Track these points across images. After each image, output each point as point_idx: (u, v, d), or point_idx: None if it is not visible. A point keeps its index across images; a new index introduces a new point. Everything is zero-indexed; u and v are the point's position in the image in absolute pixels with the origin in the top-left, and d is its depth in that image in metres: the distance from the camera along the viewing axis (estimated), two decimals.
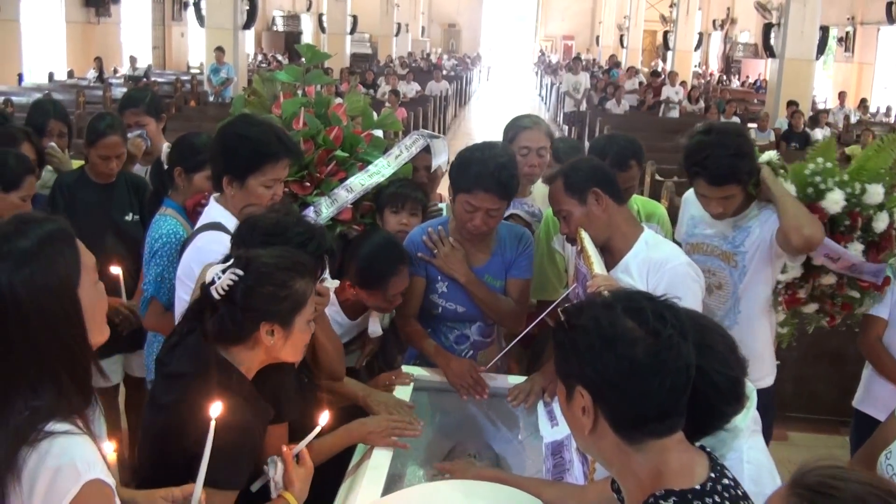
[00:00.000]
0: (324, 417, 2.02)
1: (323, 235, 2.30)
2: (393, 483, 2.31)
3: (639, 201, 3.43)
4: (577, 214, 2.64)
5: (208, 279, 1.94)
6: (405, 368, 2.95)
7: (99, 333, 1.61)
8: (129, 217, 3.68)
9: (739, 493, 1.49)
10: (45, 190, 3.71)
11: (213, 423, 1.76)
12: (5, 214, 2.46)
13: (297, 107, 3.30)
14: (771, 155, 3.09)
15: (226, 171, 2.67)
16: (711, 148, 2.82)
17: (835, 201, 2.97)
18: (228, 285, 1.90)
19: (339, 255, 2.88)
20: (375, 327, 3.02)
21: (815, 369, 4.89)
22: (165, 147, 3.52)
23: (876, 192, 3.00)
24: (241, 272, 1.92)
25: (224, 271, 1.93)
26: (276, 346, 1.95)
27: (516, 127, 3.53)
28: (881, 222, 3.02)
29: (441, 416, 2.84)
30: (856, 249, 3.00)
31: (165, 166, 3.32)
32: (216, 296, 1.91)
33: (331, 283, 2.32)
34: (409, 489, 2.21)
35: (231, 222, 2.59)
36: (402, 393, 2.75)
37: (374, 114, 3.69)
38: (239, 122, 2.79)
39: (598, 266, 2.41)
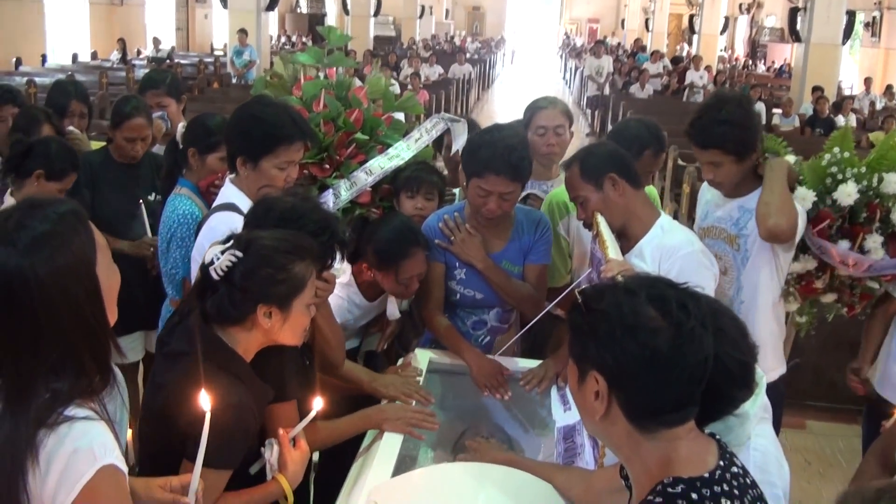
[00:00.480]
0: (317, 402, 2.02)
1: (336, 225, 2.29)
2: (403, 465, 2.33)
3: None
4: (593, 200, 2.63)
5: (207, 259, 1.94)
6: (418, 352, 2.96)
7: (112, 314, 1.63)
8: (152, 197, 3.70)
9: (748, 481, 1.48)
10: None
11: (207, 415, 1.76)
12: None
13: (317, 89, 3.31)
14: (792, 159, 3.06)
15: (240, 152, 2.69)
16: (705, 111, 2.87)
17: (847, 193, 2.94)
18: (227, 266, 1.90)
19: (356, 236, 2.91)
20: (394, 310, 3.03)
21: (835, 358, 4.78)
22: (181, 127, 3.55)
23: (893, 182, 2.96)
24: (240, 253, 1.92)
25: (224, 252, 1.93)
26: (273, 328, 1.95)
27: (532, 108, 3.58)
28: None
29: (453, 398, 2.85)
30: (875, 241, 2.97)
31: (180, 146, 3.35)
32: (215, 276, 1.91)
33: (338, 270, 2.32)
34: (418, 470, 2.23)
35: (245, 203, 2.60)
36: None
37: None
38: (254, 104, 2.80)
39: (612, 251, 2.40)
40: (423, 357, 2.92)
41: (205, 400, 1.76)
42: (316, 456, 2.91)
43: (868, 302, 3.21)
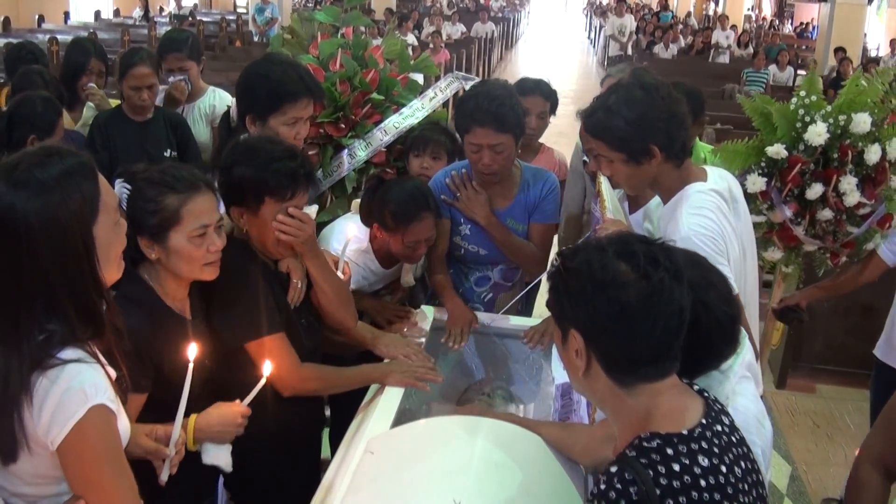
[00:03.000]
0: (267, 367, 2.06)
1: (298, 155, 2.32)
2: (403, 418, 2.36)
3: None
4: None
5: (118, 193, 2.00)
6: (423, 308, 3.01)
7: (115, 271, 1.67)
8: (167, 153, 3.73)
9: (734, 439, 1.49)
10: (87, 129, 3.79)
11: (190, 366, 1.86)
12: None
13: (334, 48, 3.33)
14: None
15: (248, 110, 2.71)
16: (604, 92, 2.39)
17: (817, 133, 2.96)
18: (121, 199, 1.96)
19: (370, 197, 2.95)
20: (408, 277, 3.08)
21: (845, 321, 4.89)
22: (232, 102, 3.32)
23: (862, 121, 2.97)
24: (129, 186, 2.00)
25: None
26: (160, 260, 2.02)
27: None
28: (873, 154, 3.01)
29: (456, 355, 2.88)
30: (849, 183, 3.00)
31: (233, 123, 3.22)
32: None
33: (311, 210, 2.35)
34: (415, 423, 2.26)
35: None
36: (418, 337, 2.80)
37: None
38: (261, 62, 2.81)
39: (610, 210, 2.41)
40: (427, 312, 2.97)
41: (191, 350, 1.85)
42: (328, 411, 2.98)
43: (853, 250, 3.24)
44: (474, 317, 2.91)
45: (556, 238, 3.31)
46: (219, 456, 2.06)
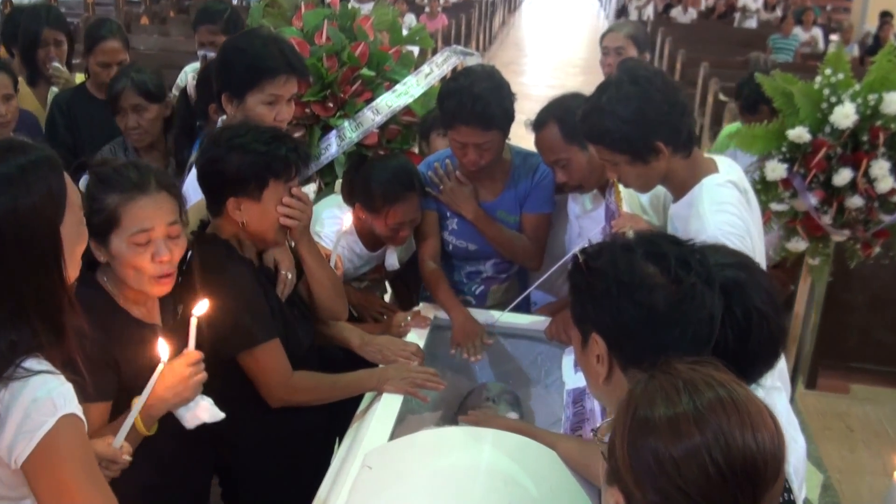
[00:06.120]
0: (163, 350, 1.98)
1: (285, 137, 2.36)
2: (402, 427, 2.38)
3: None
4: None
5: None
6: (423, 306, 3.03)
7: (75, 272, 1.66)
8: None
9: None
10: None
11: (160, 366, 1.88)
12: None
13: (319, 19, 3.29)
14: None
15: (224, 87, 2.70)
16: (594, 93, 2.39)
17: (845, 115, 2.95)
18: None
19: (352, 177, 2.98)
20: (392, 260, 3.10)
21: (883, 316, 4.86)
22: (190, 79, 3.46)
23: (893, 101, 2.97)
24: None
25: None
26: (112, 265, 2.01)
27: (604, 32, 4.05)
28: None
29: (458, 357, 2.89)
30: (881, 168, 3.00)
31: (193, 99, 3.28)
32: None
33: (309, 189, 2.40)
34: (417, 434, 2.27)
35: None
36: (417, 337, 2.82)
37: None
38: (241, 36, 2.82)
39: (626, 203, 2.43)
40: (426, 314, 2.98)
41: (162, 349, 1.87)
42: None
43: (886, 240, 3.23)
44: (482, 329, 2.91)
45: None
46: (199, 414, 2.03)
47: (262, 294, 2.32)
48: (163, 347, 1.91)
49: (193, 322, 1.96)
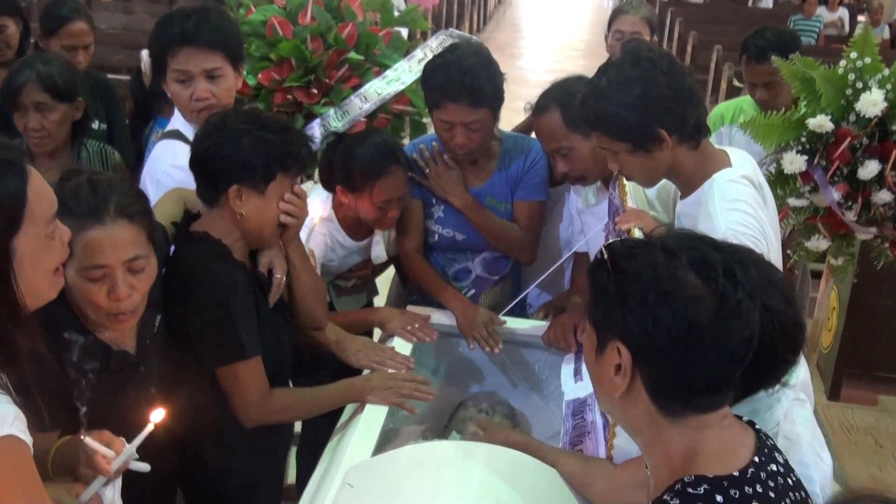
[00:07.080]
0: (157, 415, 1.91)
1: (299, 135, 2.40)
2: (386, 441, 2.36)
3: None
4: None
5: None
6: (410, 308, 2.98)
7: (47, 287, 1.59)
8: (94, 125, 3.52)
9: (790, 481, 1.44)
10: None
11: (149, 426, 1.79)
12: None
13: None
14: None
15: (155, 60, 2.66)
16: (593, 78, 2.35)
17: (872, 102, 2.91)
18: None
19: (329, 157, 2.93)
20: (380, 252, 3.05)
21: None
22: (145, 55, 3.37)
23: None
24: None
25: None
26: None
27: (615, 12, 4.18)
28: None
29: (448, 365, 2.88)
30: None
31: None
32: None
33: (306, 187, 2.42)
34: (402, 448, 2.23)
35: (187, 128, 2.61)
36: (403, 342, 2.78)
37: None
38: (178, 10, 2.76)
39: (631, 197, 2.40)
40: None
41: (155, 414, 1.82)
42: (298, 426, 3.04)
43: None
44: (487, 313, 2.87)
45: None
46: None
47: (254, 303, 2.30)
48: (156, 413, 1.83)
49: (148, 428, 1.83)
